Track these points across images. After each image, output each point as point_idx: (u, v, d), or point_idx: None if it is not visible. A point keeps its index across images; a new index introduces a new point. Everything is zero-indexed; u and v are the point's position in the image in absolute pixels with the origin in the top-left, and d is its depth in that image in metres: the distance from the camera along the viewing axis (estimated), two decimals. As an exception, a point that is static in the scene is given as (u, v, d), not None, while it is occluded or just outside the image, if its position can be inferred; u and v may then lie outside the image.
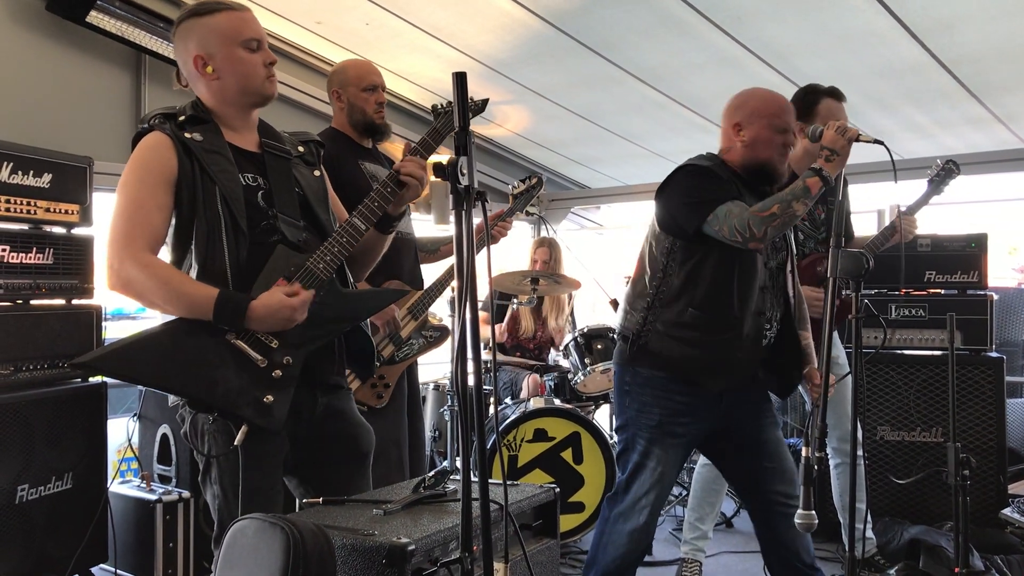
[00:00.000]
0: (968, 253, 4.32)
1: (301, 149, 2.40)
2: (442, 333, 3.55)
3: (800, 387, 3.47)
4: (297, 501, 2.62)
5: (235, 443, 2.08)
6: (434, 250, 3.72)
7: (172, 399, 2.22)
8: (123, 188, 2.14)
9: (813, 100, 3.57)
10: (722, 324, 2.77)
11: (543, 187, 3.90)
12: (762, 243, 2.64)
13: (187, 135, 2.16)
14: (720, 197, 2.68)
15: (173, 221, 2.16)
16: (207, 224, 2.12)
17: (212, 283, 2.09)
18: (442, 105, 2.51)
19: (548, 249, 5.49)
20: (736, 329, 2.77)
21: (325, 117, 4.45)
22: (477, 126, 2.74)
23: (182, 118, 2.20)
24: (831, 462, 3.79)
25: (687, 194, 2.76)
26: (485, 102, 2.74)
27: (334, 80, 3.38)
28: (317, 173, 2.41)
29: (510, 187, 3.91)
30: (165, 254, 2.20)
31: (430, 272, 3.64)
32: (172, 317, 2.11)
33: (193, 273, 2.12)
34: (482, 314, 4.65)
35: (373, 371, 2.53)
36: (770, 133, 2.80)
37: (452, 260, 3.57)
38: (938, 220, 3.77)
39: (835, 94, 3.61)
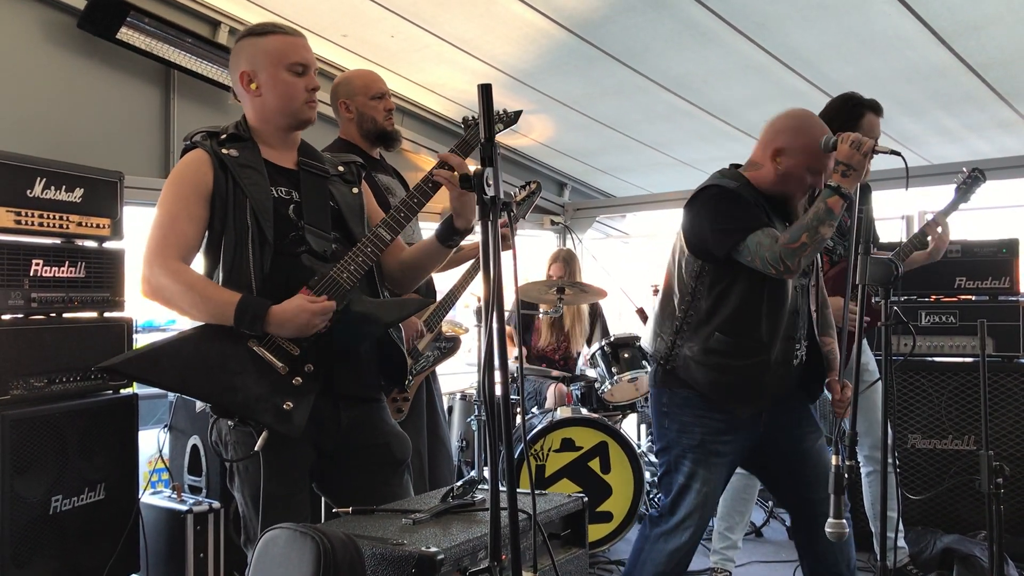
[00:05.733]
0: (999, 259, 4.27)
1: (341, 168, 2.45)
2: (454, 343, 3.54)
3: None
4: (323, 510, 2.64)
5: (255, 448, 2.13)
6: None
7: (199, 405, 2.27)
8: (160, 202, 2.23)
9: (857, 113, 3.46)
10: (750, 349, 2.73)
11: (540, 192, 3.87)
12: (796, 273, 2.62)
13: (224, 151, 2.23)
14: (750, 225, 2.63)
15: (207, 233, 2.23)
16: (235, 235, 2.18)
17: (237, 291, 2.14)
18: (472, 117, 2.49)
19: (563, 264, 5.36)
20: (765, 354, 2.74)
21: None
22: (502, 136, 2.72)
23: (223, 136, 2.27)
24: (863, 470, 3.76)
25: (716, 220, 2.71)
26: (518, 114, 2.69)
27: (340, 91, 3.32)
28: (356, 191, 2.45)
29: (512, 193, 3.90)
30: (199, 266, 2.26)
31: (439, 282, 3.63)
32: (200, 324, 2.17)
33: (220, 282, 2.19)
34: (507, 327, 4.64)
35: (405, 384, 2.53)
36: (804, 173, 2.72)
37: (462, 271, 3.58)
38: (969, 225, 3.73)
39: (876, 108, 3.51)
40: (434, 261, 2.46)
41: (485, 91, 1.74)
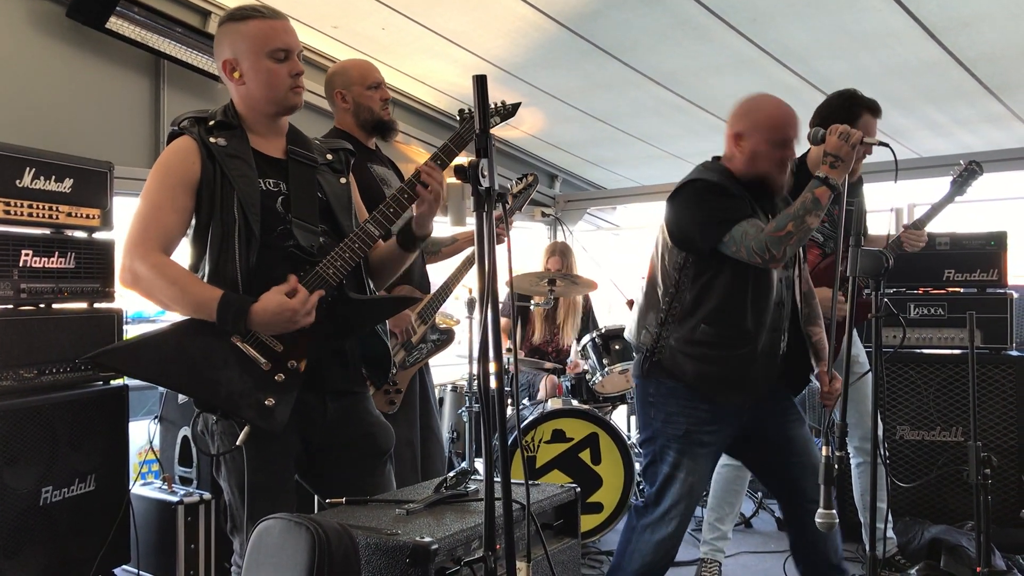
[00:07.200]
0: (988, 251, 4.30)
1: (330, 157, 2.43)
2: (448, 335, 3.54)
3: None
4: (316, 501, 2.64)
5: (237, 443, 2.12)
6: (436, 251, 3.67)
7: (181, 398, 2.26)
8: (145, 190, 2.20)
9: (854, 112, 3.41)
10: (736, 340, 2.75)
11: (537, 184, 3.87)
12: (782, 262, 2.64)
13: (212, 140, 2.20)
14: (735, 216, 2.65)
15: (193, 223, 2.21)
16: (222, 227, 2.16)
17: (223, 286, 2.12)
18: (468, 109, 2.48)
19: (560, 258, 5.38)
20: (750, 345, 2.75)
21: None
22: (494, 128, 2.72)
23: (211, 122, 2.24)
24: (852, 461, 3.78)
25: (701, 213, 2.72)
26: (516, 106, 2.68)
27: (336, 81, 3.31)
28: (344, 180, 2.42)
29: (508, 185, 3.89)
30: (184, 257, 2.24)
31: (433, 274, 3.63)
32: (185, 317, 2.15)
33: (205, 275, 2.16)
34: (502, 320, 4.64)
35: (388, 378, 2.53)
36: (769, 148, 2.73)
37: (457, 262, 3.58)
38: (957, 218, 3.76)
39: (874, 109, 3.48)
40: (397, 265, 2.45)
41: (480, 82, 1.73)
